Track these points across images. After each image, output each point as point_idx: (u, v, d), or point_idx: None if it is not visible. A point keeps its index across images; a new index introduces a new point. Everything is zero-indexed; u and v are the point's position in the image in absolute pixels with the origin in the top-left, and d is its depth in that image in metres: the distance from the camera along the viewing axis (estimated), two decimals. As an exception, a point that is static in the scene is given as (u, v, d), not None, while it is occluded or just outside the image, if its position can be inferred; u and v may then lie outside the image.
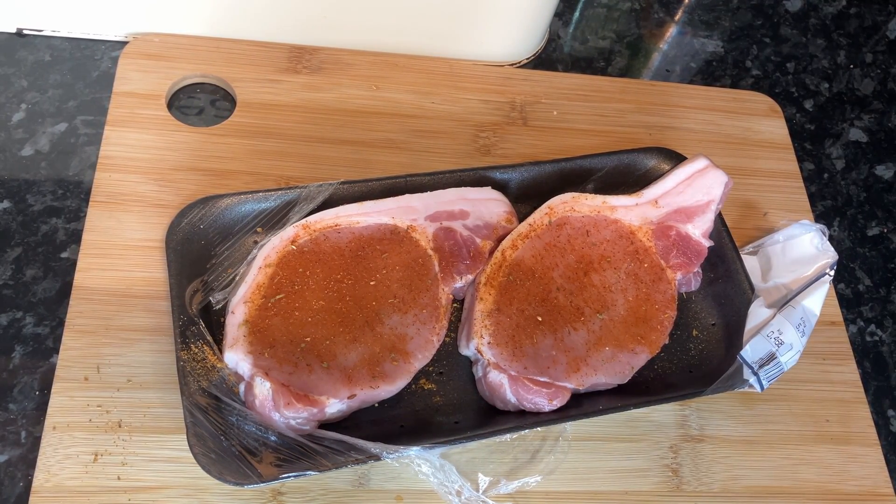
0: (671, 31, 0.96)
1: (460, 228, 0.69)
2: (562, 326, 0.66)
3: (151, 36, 0.79)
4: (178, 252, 0.64)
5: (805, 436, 0.70)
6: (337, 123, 0.78)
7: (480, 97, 0.83)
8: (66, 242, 0.69)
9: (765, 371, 0.64)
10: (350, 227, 0.67)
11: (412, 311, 0.65)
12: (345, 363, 0.61)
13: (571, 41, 0.93)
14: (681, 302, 0.72)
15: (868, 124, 0.94)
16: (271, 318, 0.62)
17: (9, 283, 0.67)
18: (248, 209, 0.67)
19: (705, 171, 0.73)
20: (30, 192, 0.72)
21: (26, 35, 0.80)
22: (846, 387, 0.73)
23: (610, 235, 0.71)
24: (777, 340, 0.65)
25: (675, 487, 0.66)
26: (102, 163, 0.71)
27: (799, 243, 0.73)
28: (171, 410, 0.61)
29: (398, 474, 0.62)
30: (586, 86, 0.86)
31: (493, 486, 0.62)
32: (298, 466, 0.57)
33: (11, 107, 0.76)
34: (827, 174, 0.89)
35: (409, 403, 0.64)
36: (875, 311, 0.80)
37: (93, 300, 0.65)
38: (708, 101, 0.87)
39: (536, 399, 0.62)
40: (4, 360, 0.64)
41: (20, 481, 0.60)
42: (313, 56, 0.81)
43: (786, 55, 0.97)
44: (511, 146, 0.80)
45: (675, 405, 0.69)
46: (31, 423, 0.62)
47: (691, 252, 0.71)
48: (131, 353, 0.63)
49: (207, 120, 0.78)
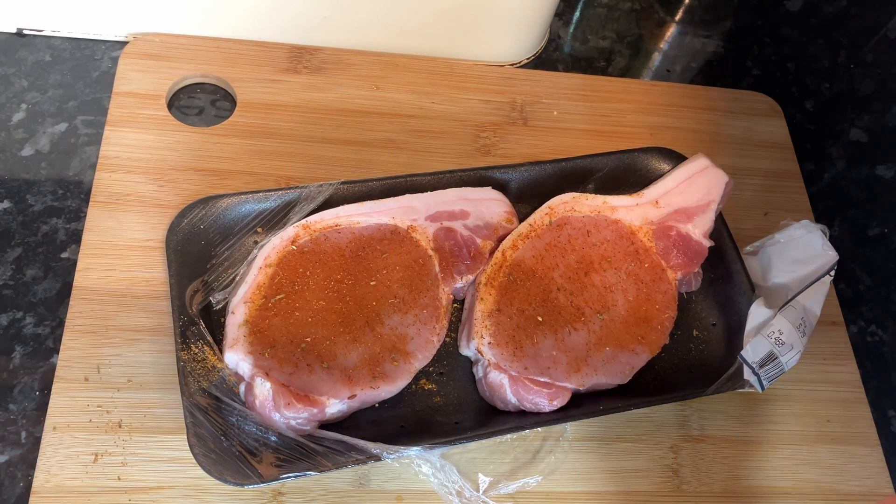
0: (671, 30, 0.96)
1: (461, 228, 0.69)
2: (562, 327, 0.66)
3: (151, 36, 0.79)
4: (179, 252, 0.64)
5: (806, 436, 0.70)
6: (337, 123, 0.78)
7: (481, 97, 0.83)
8: (67, 242, 0.69)
9: (765, 371, 0.64)
10: (350, 227, 0.67)
11: (412, 312, 0.65)
12: (345, 363, 0.61)
13: (572, 41, 0.93)
14: (681, 302, 0.72)
15: (868, 124, 0.94)
16: (271, 318, 0.62)
17: (9, 283, 0.67)
18: (249, 209, 0.67)
19: (706, 171, 0.73)
20: (30, 192, 0.72)
21: (26, 35, 0.80)
22: (847, 387, 0.73)
23: (610, 235, 0.71)
24: (777, 340, 0.65)
25: (676, 488, 0.66)
26: (102, 163, 0.71)
27: (799, 243, 0.73)
28: (171, 411, 0.61)
29: (398, 474, 0.62)
30: (586, 86, 0.86)
31: (493, 487, 0.62)
32: (299, 467, 0.57)
33: (11, 107, 0.75)
34: (827, 174, 0.89)
35: (409, 404, 0.64)
36: (875, 311, 0.80)
37: (93, 300, 0.65)
38: (708, 101, 0.87)
39: (537, 399, 0.62)
40: (4, 361, 0.64)
41: (20, 481, 0.60)
42: (313, 56, 0.81)
43: (786, 55, 0.97)
44: (511, 146, 0.80)
45: (676, 405, 0.69)
46: (32, 423, 0.62)
47: (692, 252, 0.71)
48: (131, 354, 0.63)
49: (207, 120, 0.77)
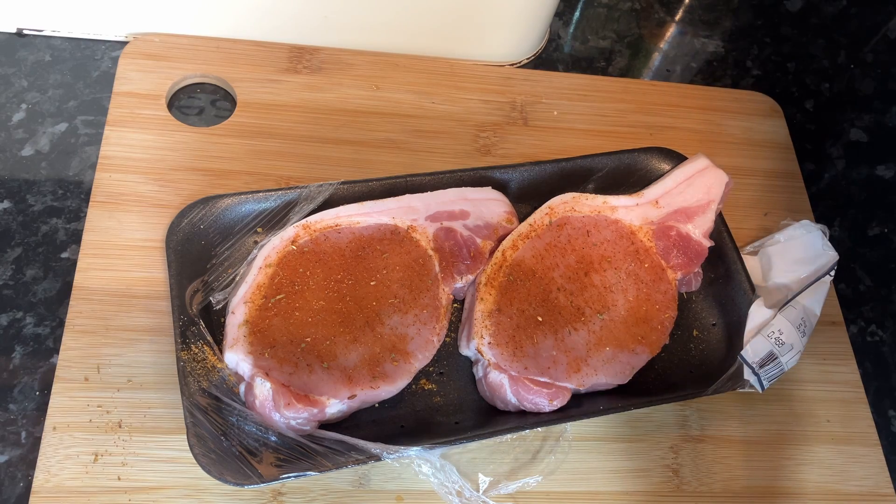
0: (671, 30, 0.96)
1: (461, 228, 0.69)
2: (562, 327, 0.65)
3: (151, 36, 0.79)
4: (179, 252, 0.64)
5: (806, 436, 0.70)
6: (337, 123, 0.78)
7: (481, 97, 0.82)
8: (67, 242, 0.69)
9: (765, 371, 0.64)
10: (350, 227, 0.67)
11: (412, 312, 0.65)
12: (345, 363, 0.61)
13: (572, 41, 0.93)
14: (681, 302, 0.72)
15: (868, 124, 0.94)
16: (271, 318, 0.62)
17: (9, 283, 0.67)
18: (249, 209, 0.67)
19: (706, 171, 0.73)
20: (30, 192, 0.72)
21: (26, 35, 0.80)
22: (847, 387, 0.73)
23: (610, 235, 0.71)
24: (777, 340, 0.65)
25: (676, 488, 0.66)
26: (102, 163, 0.71)
27: (799, 243, 0.73)
28: (171, 411, 0.61)
29: (398, 474, 0.62)
30: (587, 86, 0.86)
31: (493, 487, 0.62)
32: (299, 467, 0.57)
33: (11, 107, 0.75)
34: (827, 174, 0.89)
35: (409, 404, 0.64)
36: (875, 311, 0.80)
37: (93, 300, 0.65)
38: (708, 101, 0.87)
39: (537, 399, 0.62)
40: (4, 361, 0.64)
41: (20, 481, 0.59)
42: (313, 56, 0.81)
43: (786, 55, 0.97)
44: (511, 146, 0.80)
45: (676, 405, 0.69)
46: (32, 423, 0.62)
47: (692, 252, 0.71)
48: (131, 354, 0.63)
49: (207, 120, 0.77)
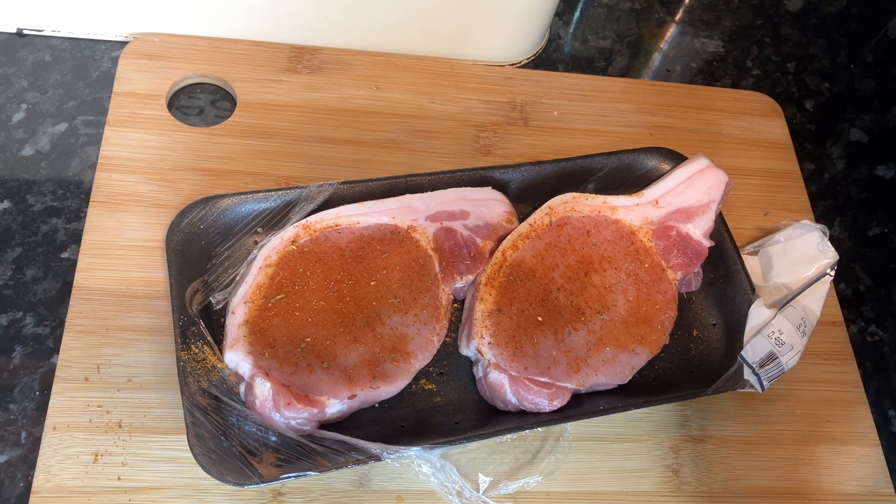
0: (671, 31, 0.96)
1: (461, 228, 0.69)
2: (562, 327, 0.65)
3: (151, 36, 0.79)
4: (179, 252, 0.64)
5: (806, 436, 0.70)
6: (337, 123, 0.78)
7: (481, 97, 0.82)
8: (67, 242, 0.69)
9: (765, 371, 0.64)
10: (350, 227, 0.67)
11: (412, 312, 0.65)
12: (345, 363, 0.61)
13: (572, 41, 0.93)
14: (681, 302, 0.72)
15: (868, 124, 0.94)
16: (272, 318, 0.62)
17: (9, 283, 0.67)
18: (249, 209, 0.67)
19: (706, 171, 0.73)
20: (30, 192, 0.72)
21: (26, 35, 0.80)
22: (847, 387, 0.73)
23: (610, 235, 0.71)
24: (777, 340, 0.65)
25: (676, 488, 0.66)
26: (102, 163, 0.71)
27: (799, 243, 0.73)
28: (171, 411, 0.61)
29: (398, 475, 0.62)
30: (587, 86, 0.86)
31: (493, 487, 0.62)
32: (299, 467, 0.57)
33: (11, 107, 0.75)
34: (827, 174, 0.89)
35: (409, 404, 0.64)
36: (875, 311, 0.80)
37: (93, 300, 0.65)
38: (708, 101, 0.87)
39: (537, 399, 0.62)
40: (5, 361, 0.64)
41: (20, 481, 0.59)
42: (313, 56, 0.81)
43: (786, 55, 0.97)
44: (511, 146, 0.80)
45: (676, 405, 0.69)
46: (32, 423, 0.62)
47: (692, 252, 0.71)
48: (131, 354, 0.63)
49: (207, 120, 0.77)
